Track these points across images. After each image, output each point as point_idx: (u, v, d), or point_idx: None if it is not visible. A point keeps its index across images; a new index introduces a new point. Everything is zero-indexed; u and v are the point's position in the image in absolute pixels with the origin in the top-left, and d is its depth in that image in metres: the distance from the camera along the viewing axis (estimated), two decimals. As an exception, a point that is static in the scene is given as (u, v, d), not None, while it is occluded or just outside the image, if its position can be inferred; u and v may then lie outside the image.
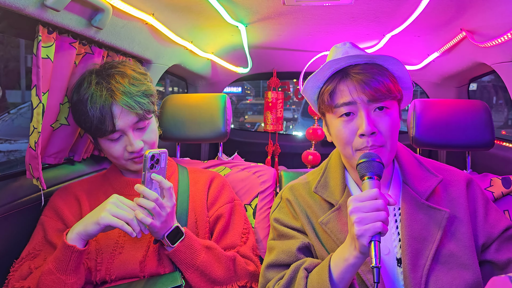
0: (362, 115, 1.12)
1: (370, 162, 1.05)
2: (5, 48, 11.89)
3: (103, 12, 1.32)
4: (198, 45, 2.23)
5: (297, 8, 1.72)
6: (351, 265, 1.03)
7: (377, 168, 1.05)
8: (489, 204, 1.24)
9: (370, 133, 1.11)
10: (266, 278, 1.23)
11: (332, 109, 1.17)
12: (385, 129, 1.13)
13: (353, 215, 0.99)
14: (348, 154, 1.17)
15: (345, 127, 1.15)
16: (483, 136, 1.65)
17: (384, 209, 0.98)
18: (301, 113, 10.26)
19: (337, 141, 1.20)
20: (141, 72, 1.41)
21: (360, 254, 1.01)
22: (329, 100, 1.16)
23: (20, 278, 1.23)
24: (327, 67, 1.15)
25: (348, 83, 1.13)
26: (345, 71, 1.15)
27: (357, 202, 1.00)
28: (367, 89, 1.11)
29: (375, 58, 1.16)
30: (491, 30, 1.59)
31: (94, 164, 1.84)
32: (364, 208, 0.98)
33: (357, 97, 1.12)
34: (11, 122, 5.22)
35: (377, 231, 0.96)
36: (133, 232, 1.17)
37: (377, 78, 1.12)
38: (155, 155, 1.20)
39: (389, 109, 1.15)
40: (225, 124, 1.81)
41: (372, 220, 0.96)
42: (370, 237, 0.96)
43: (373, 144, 1.12)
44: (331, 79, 1.17)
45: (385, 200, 1.00)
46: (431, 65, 2.45)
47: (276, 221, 1.31)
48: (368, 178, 1.04)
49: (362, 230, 0.96)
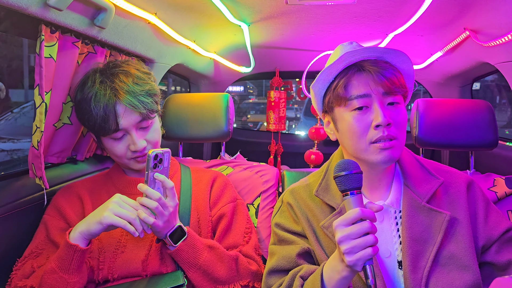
0: (377, 107, 1.12)
1: (347, 176, 1.01)
2: (8, 48, 11.92)
3: (105, 11, 1.32)
4: (201, 45, 2.23)
5: (300, 8, 1.71)
6: (344, 277, 1.04)
7: (355, 180, 1.01)
8: (490, 206, 1.24)
9: (386, 124, 1.11)
10: (268, 284, 1.23)
11: (345, 101, 1.16)
12: (398, 122, 1.14)
13: (342, 245, 0.98)
14: (361, 148, 1.16)
15: (358, 120, 1.14)
16: (487, 136, 1.64)
17: (371, 231, 0.97)
18: (303, 112, 10.24)
19: (349, 135, 1.17)
20: (145, 71, 1.41)
21: (353, 271, 1.02)
22: (343, 92, 1.15)
23: (23, 277, 1.24)
24: (341, 60, 1.14)
25: (364, 75, 1.14)
26: (359, 64, 1.16)
27: (342, 227, 0.99)
28: (384, 80, 1.12)
29: (388, 52, 1.17)
30: (495, 30, 1.58)
31: (96, 163, 1.84)
32: (351, 235, 0.97)
33: (374, 89, 1.12)
34: (14, 121, 5.22)
35: (368, 258, 0.96)
36: (136, 232, 1.17)
37: (390, 71, 1.14)
38: (158, 154, 1.20)
39: (399, 105, 1.16)
40: (227, 124, 1.80)
41: (362, 247, 0.96)
42: (362, 265, 0.97)
43: (388, 134, 1.11)
44: (344, 72, 1.17)
45: (371, 215, 0.98)
46: (434, 64, 2.44)
47: (277, 226, 1.30)
48: (349, 195, 1.01)
49: (354, 260, 0.96)
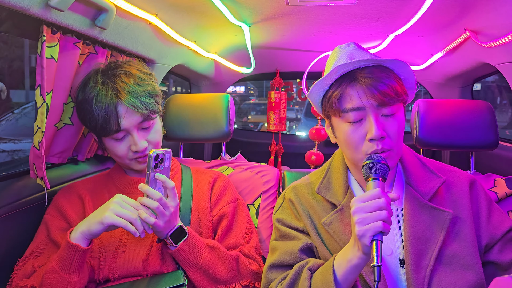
0: (371, 119, 1.12)
1: (374, 164, 1.07)
2: (9, 48, 11.93)
3: (106, 12, 1.32)
4: (202, 45, 2.23)
5: (300, 8, 1.71)
6: (354, 266, 1.04)
7: (381, 169, 1.06)
8: (492, 205, 1.24)
9: (379, 138, 1.11)
10: (269, 279, 1.23)
11: (340, 113, 1.16)
12: (393, 133, 1.13)
13: (355, 216, 1.00)
14: (358, 158, 1.16)
15: (353, 132, 1.14)
16: (487, 136, 1.64)
17: (385, 208, 0.98)
18: (304, 113, 10.21)
19: (345, 146, 1.19)
20: (146, 72, 1.41)
21: (363, 255, 1.01)
22: (336, 105, 1.15)
23: (23, 277, 1.24)
24: (334, 71, 1.14)
25: (357, 88, 1.12)
26: (352, 74, 1.14)
27: (359, 202, 1.01)
28: (376, 93, 1.10)
29: (382, 62, 1.15)
30: (496, 30, 1.58)
31: (97, 163, 1.85)
32: (365, 208, 0.99)
33: (366, 101, 1.11)
34: (15, 121, 5.22)
35: (378, 230, 0.96)
36: (137, 232, 1.17)
37: (385, 82, 1.11)
38: (159, 154, 1.20)
39: (396, 114, 1.15)
40: (228, 124, 1.81)
41: (373, 220, 0.97)
42: (371, 236, 0.97)
43: (382, 147, 1.12)
44: (338, 83, 1.16)
45: (388, 199, 1.00)
46: (435, 65, 2.44)
47: (279, 222, 1.31)
48: (372, 179, 1.05)
49: (363, 230, 0.97)
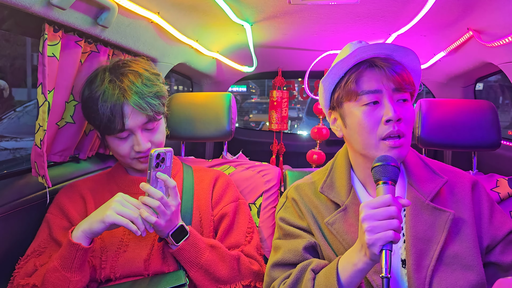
0: (387, 102, 1.13)
1: (385, 166, 1.03)
2: (11, 46, 11.96)
3: (108, 10, 1.32)
4: (204, 44, 2.23)
5: (302, 7, 1.71)
6: (359, 270, 1.03)
7: (392, 172, 1.02)
8: (494, 206, 1.24)
9: (397, 119, 1.11)
10: (272, 277, 1.22)
11: (356, 96, 1.16)
12: (407, 118, 1.15)
13: (364, 223, 0.97)
14: (371, 144, 1.15)
15: (369, 115, 1.14)
16: (490, 136, 1.64)
17: (397, 217, 0.96)
18: (306, 112, 10.22)
19: (359, 130, 1.17)
20: (154, 72, 1.41)
21: (370, 261, 1.00)
22: (354, 87, 1.15)
23: (25, 275, 1.24)
24: (353, 55, 1.15)
25: (375, 71, 1.15)
26: (370, 60, 1.16)
27: (369, 209, 0.98)
28: (396, 76, 1.13)
29: (399, 50, 1.17)
30: (499, 30, 1.57)
31: (99, 162, 1.85)
32: (376, 216, 0.96)
33: (386, 84, 1.13)
34: (17, 120, 5.23)
35: (389, 240, 0.94)
36: (138, 231, 1.17)
37: (401, 68, 1.16)
38: (161, 154, 1.20)
39: (408, 102, 1.17)
40: (230, 123, 1.81)
41: (384, 229, 0.94)
42: (381, 246, 0.94)
43: (398, 129, 1.12)
44: (355, 68, 1.17)
45: (399, 206, 0.98)
46: (437, 64, 2.44)
47: (282, 220, 1.30)
48: (382, 183, 1.02)
49: (373, 239, 0.94)
